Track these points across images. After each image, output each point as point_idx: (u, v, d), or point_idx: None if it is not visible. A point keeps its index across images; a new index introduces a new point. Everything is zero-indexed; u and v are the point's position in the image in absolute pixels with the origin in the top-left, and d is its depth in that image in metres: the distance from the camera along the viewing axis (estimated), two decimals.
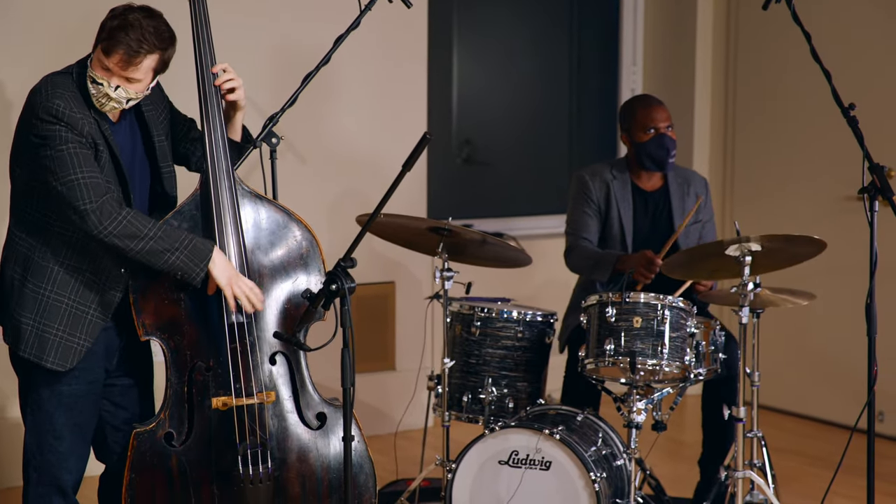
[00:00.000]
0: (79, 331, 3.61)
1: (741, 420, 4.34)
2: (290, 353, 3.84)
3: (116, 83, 3.55)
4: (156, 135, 3.77)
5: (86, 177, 3.49)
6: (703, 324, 4.45)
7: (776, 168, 6.83)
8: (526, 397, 4.61)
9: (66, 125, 3.49)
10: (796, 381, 6.70)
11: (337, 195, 6.03)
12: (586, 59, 7.35)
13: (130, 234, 3.51)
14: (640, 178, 4.97)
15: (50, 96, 3.51)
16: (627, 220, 4.91)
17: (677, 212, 4.94)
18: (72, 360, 3.61)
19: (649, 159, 4.87)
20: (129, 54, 3.50)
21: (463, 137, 7.02)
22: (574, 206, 4.98)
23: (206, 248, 3.61)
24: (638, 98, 5.03)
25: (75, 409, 3.67)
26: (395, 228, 4.64)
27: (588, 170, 5.00)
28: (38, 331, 3.59)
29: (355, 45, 4.96)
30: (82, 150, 3.51)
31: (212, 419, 3.75)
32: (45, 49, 5.17)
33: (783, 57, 6.71)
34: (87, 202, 3.47)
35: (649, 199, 4.96)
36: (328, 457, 3.86)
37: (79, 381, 3.66)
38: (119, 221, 3.49)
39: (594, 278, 4.85)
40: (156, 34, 3.53)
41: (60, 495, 3.70)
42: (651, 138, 4.84)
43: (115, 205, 3.51)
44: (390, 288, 6.29)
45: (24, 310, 3.60)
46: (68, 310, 3.60)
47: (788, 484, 5.34)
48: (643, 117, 4.85)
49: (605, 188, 4.93)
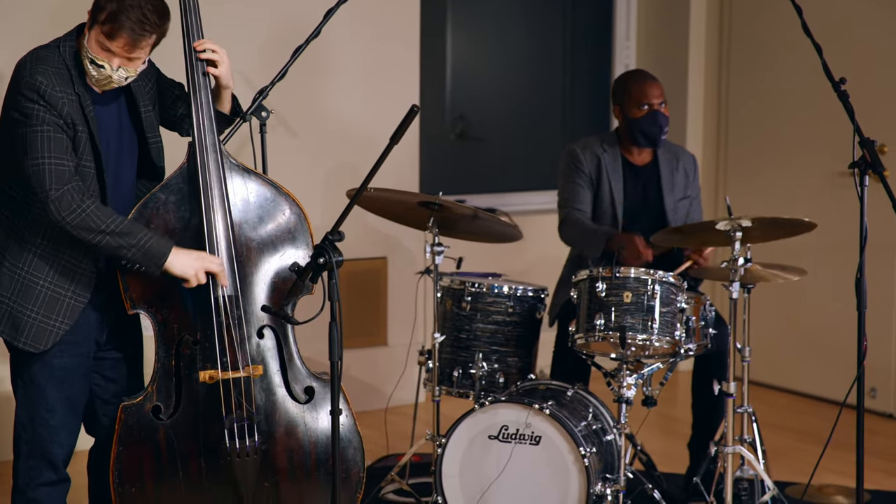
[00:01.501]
0: (55, 313, 3.59)
1: (731, 395, 4.34)
2: (277, 326, 3.83)
3: (118, 64, 3.52)
4: (142, 105, 3.74)
5: (53, 162, 3.46)
6: (694, 299, 4.44)
7: (769, 144, 6.82)
8: (516, 372, 4.61)
9: (45, 104, 3.46)
10: (786, 357, 6.71)
11: (328, 169, 6.02)
12: (580, 34, 7.33)
13: (87, 228, 3.48)
14: (630, 152, 4.96)
15: (33, 72, 3.48)
16: (618, 194, 4.90)
17: (667, 187, 4.94)
18: (46, 342, 3.59)
19: (642, 136, 4.85)
20: (133, 38, 3.47)
21: (456, 113, 7.00)
22: (566, 179, 4.96)
23: (160, 251, 3.58)
24: (632, 73, 5.01)
25: (66, 382, 3.66)
26: (386, 203, 4.63)
27: (579, 143, 4.99)
28: (13, 311, 3.58)
29: (347, 19, 4.94)
30: (56, 135, 3.48)
31: (199, 392, 3.75)
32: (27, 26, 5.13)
33: (777, 33, 6.69)
34: (48, 188, 3.45)
35: (639, 173, 4.95)
36: (316, 431, 3.85)
37: (70, 354, 3.65)
38: (77, 214, 3.46)
39: (586, 254, 4.84)
40: (155, 12, 3.50)
41: (51, 469, 3.70)
42: (645, 115, 4.82)
43: (77, 196, 3.47)
44: (382, 263, 6.28)
45: (1, 288, 3.59)
46: (45, 292, 3.58)
47: (778, 459, 5.34)
48: (637, 93, 4.83)
49: (595, 161, 4.92)
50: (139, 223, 3.63)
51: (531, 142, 7.25)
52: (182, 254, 3.63)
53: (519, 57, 7.19)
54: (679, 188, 4.96)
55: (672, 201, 4.93)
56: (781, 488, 4.62)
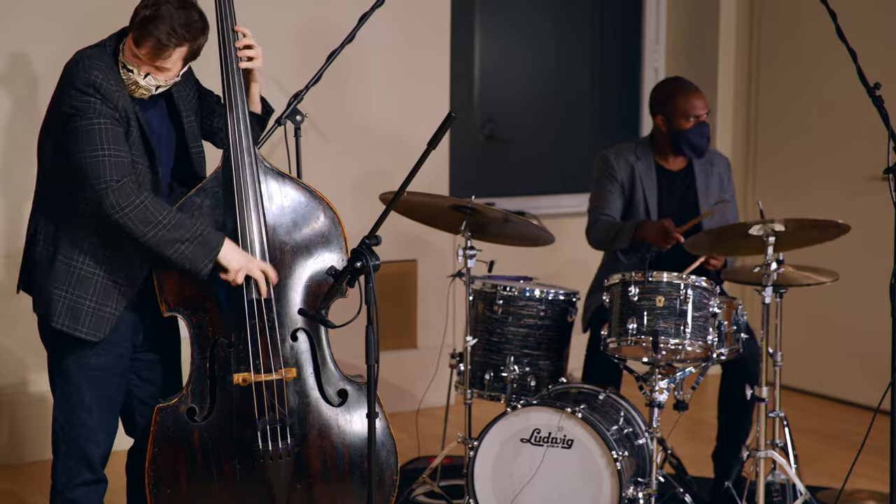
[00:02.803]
0: (110, 300, 3.62)
1: (763, 400, 4.33)
2: (311, 329, 3.84)
3: (146, 71, 3.55)
4: (185, 115, 3.77)
5: (111, 154, 3.49)
6: (726, 304, 4.44)
7: (800, 148, 6.80)
8: (548, 376, 4.61)
9: (101, 97, 3.49)
10: (817, 361, 6.69)
11: (360, 173, 6.03)
12: (609, 37, 7.33)
13: (145, 220, 3.50)
14: (665, 158, 4.95)
15: (88, 67, 3.51)
16: (652, 201, 4.90)
17: (701, 192, 4.93)
18: (105, 329, 3.62)
19: (689, 146, 4.84)
20: (157, 47, 3.50)
21: (485, 115, 7.01)
22: (598, 185, 4.96)
23: (216, 240, 3.61)
24: (676, 83, 4.96)
25: (103, 382, 3.68)
26: (417, 206, 4.64)
27: (612, 150, 4.98)
28: (71, 303, 3.60)
29: (379, 24, 4.95)
30: (113, 127, 3.51)
31: (233, 395, 3.76)
32: (70, 26, 5.18)
33: (808, 36, 6.67)
34: (108, 180, 3.47)
35: (674, 179, 4.94)
36: (349, 433, 3.86)
37: (106, 354, 3.67)
38: (136, 205, 3.49)
39: (616, 247, 4.84)
40: (186, 26, 3.51)
41: (88, 469, 3.72)
42: (692, 126, 4.81)
43: (135, 188, 3.51)
44: (412, 266, 6.30)
45: (57, 282, 3.61)
46: (100, 281, 3.61)
47: (810, 464, 5.33)
48: (684, 104, 4.81)
49: (629, 169, 4.91)
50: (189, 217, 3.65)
51: (560, 144, 7.25)
52: (233, 247, 3.66)
53: (547, 60, 7.19)
54: (713, 193, 4.95)
55: (707, 205, 4.92)
56: (813, 493, 4.61)
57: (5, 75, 5.13)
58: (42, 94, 5.18)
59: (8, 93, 5.16)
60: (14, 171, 5.21)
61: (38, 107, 5.18)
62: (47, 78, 5.16)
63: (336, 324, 3.62)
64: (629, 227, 4.76)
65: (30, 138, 5.14)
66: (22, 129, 5.18)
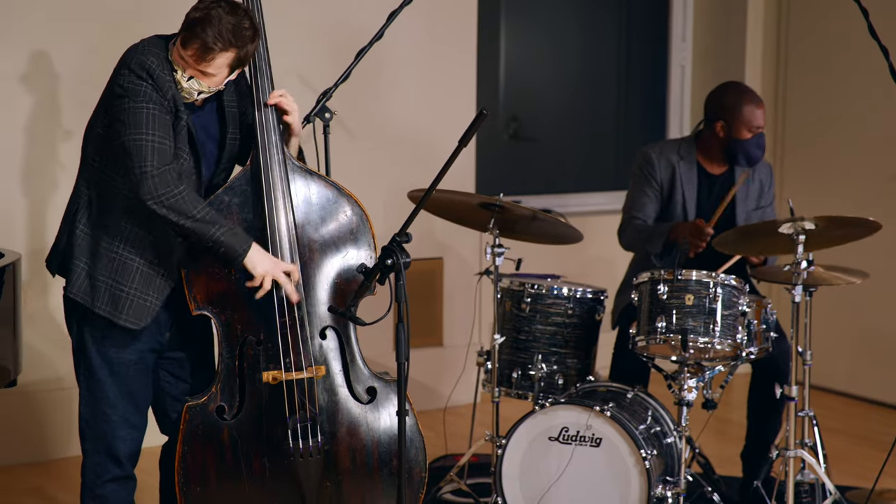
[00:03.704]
0: (151, 289, 3.63)
1: (793, 399, 4.31)
2: (340, 327, 3.85)
3: (190, 74, 3.54)
4: (230, 131, 3.77)
5: (156, 140, 3.49)
6: (755, 302, 4.42)
7: (828, 145, 6.77)
8: (575, 374, 4.60)
9: (153, 84, 3.50)
10: (846, 361, 6.66)
11: (387, 170, 6.03)
12: (635, 34, 7.30)
13: (179, 210, 3.50)
14: (708, 160, 4.90)
15: (145, 52, 3.52)
16: (691, 203, 4.86)
17: (740, 197, 4.88)
18: (145, 318, 3.63)
19: (745, 157, 4.79)
20: (202, 49, 3.49)
21: (510, 113, 7.00)
22: (635, 184, 4.92)
23: (245, 238, 3.62)
24: (742, 92, 4.85)
25: (126, 377, 3.69)
26: (445, 204, 4.64)
27: (655, 148, 4.94)
28: (113, 290, 3.61)
29: (405, 21, 4.95)
30: (161, 114, 3.51)
31: (262, 393, 3.77)
32: (91, 26, 5.19)
33: (836, 33, 6.64)
34: (149, 165, 3.47)
35: (714, 182, 4.89)
36: (378, 431, 3.87)
37: (129, 349, 3.67)
38: (173, 195, 3.49)
39: (648, 250, 4.82)
40: (234, 32, 3.50)
41: (116, 464, 3.72)
42: (752, 137, 4.78)
43: (175, 177, 3.51)
44: (438, 263, 6.29)
45: (100, 270, 3.61)
46: (141, 269, 3.61)
47: (839, 463, 5.31)
48: (750, 116, 4.75)
49: (670, 169, 4.87)
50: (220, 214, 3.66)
51: (585, 142, 7.24)
52: (259, 251, 3.66)
53: (573, 57, 7.17)
54: (752, 198, 4.91)
55: (744, 212, 4.88)
56: (842, 493, 4.59)
57: (26, 75, 5.14)
58: (62, 94, 5.20)
59: (28, 92, 5.17)
60: (35, 170, 5.22)
61: (58, 106, 5.20)
62: (67, 78, 5.19)
63: (366, 321, 3.62)
64: (661, 231, 4.73)
65: (50, 137, 5.19)
66: (42, 129, 5.20)
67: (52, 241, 3.75)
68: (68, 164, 5.09)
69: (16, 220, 5.22)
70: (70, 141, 5.15)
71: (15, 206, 5.21)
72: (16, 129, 5.18)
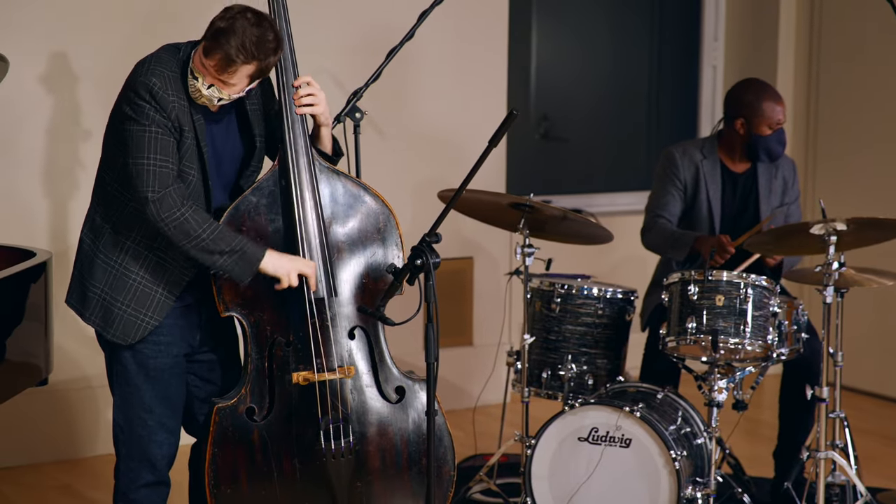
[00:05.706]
0: (145, 308, 3.62)
1: (824, 400, 4.29)
2: (368, 327, 3.85)
3: (210, 82, 3.52)
4: (257, 133, 3.76)
5: (157, 164, 3.49)
6: (786, 303, 4.40)
7: (860, 144, 6.73)
8: (605, 374, 4.59)
9: (156, 106, 3.49)
10: (877, 362, 6.62)
11: (417, 170, 6.04)
12: (667, 34, 7.28)
13: (184, 232, 3.50)
14: (731, 159, 4.89)
15: (149, 72, 3.51)
16: (716, 202, 4.85)
17: (763, 194, 4.86)
18: (134, 336, 3.62)
19: (766, 153, 4.79)
20: (225, 60, 3.47)
21: (540, 113, 6.99)
22: (658, 183, 4.92)
23: (254, 257, 3.60)
24: (760, 88, 4.84)
25: (162, 381, 3.69)
26: (475, 204, 4.64)
27: (679, 147, 4.93)
28: (105, 302, 3.62)
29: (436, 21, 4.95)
30: (163, 137, 3.50)
31: (292, 394, 3.77)
32: (111, 27, 5.21)
33: (869, 31, 6.60)
34: (149, 189, 3.48)
35: (737, 180, 4.88)
36: (407, 430, 3.87)
37: (164, 354, 3.68)
38: (176, 218, 3.49)
39: (671, 257, 4.81)
40: (257, 44, 3.47)
41: (150, 470, 3.72)
42: (773, 133, 4.77)
43: (178, 199, 3.50)
44: (468, 263, 6.29)
45: (94, 279, 3.63)
46: (136, 286, 3.61)
47: (870, 465, 5.27)
48: (771, 112, 4.74)
49: (693, 169, 4.86)
50: (232, 229, 3.65)
51: (616, 142, 7.22)
52: (275, 256, 3.66)
53: (604, 57, 7.15)
54: (776, 196, 4.89)
55: (768, 209, 4.86)
56: (873, 494, 4.57)
57: (46, 76, 5.16)
58: (83, 95, 5.22)
59: (49, 93, 5.19)
60: (56, 170, 5.25)
61: (78, 107, 5.23)
62: (88, 79, 5.21)
63: (395, 321, 3.62)
64: (686, 241, 4.70)
65: (70, 138, 5.21)
66: (63, 130, 5.23)
67: (75, 242, 3.77)
68: (89, 164, 5.10)
69: (38, 220, 5.24)
70: (90, 141, 5.17)
71: (37, 206, 5.24)
72: (38, 130, 5.20)
